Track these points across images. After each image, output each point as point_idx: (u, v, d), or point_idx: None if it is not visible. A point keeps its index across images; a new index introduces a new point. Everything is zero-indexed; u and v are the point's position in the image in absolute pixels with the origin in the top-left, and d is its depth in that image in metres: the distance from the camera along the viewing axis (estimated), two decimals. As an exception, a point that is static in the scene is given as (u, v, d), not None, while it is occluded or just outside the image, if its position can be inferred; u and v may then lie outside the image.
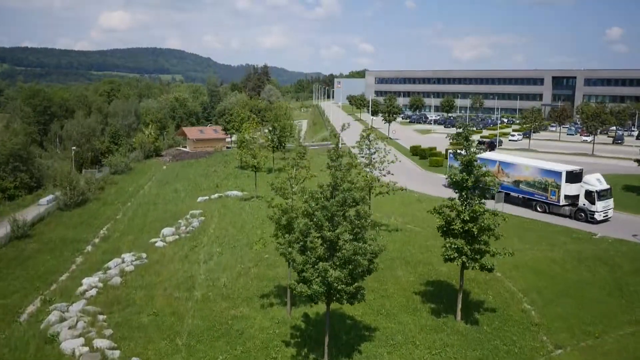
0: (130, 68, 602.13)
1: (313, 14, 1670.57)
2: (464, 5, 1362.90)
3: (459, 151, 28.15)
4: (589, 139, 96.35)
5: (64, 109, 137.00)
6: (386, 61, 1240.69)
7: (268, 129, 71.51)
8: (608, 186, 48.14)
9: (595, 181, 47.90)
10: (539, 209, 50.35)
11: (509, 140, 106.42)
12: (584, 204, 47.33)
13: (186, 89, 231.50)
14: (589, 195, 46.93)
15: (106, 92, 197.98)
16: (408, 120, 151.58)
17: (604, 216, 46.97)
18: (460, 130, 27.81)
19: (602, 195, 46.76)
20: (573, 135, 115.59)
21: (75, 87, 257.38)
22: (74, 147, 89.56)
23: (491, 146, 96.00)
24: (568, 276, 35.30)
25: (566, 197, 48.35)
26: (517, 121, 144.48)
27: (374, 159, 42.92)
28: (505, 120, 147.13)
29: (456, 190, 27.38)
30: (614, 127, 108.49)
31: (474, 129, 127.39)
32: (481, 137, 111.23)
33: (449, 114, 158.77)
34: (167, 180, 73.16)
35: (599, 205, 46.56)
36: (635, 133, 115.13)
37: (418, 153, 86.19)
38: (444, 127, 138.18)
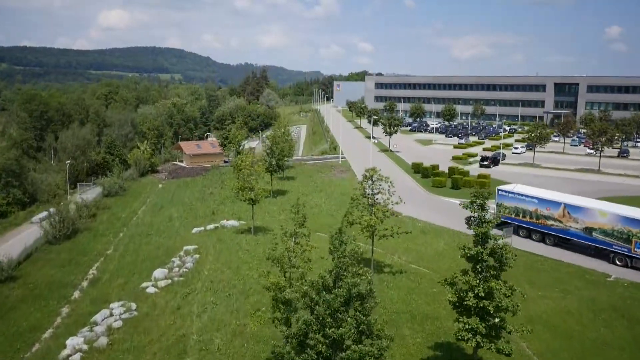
0: (129, 67, 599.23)
1: (312, 13, 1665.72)
2: (463, 4, 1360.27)
3: (472, 217, 25.83)
4: (594, 151, 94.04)
5: (61, 114, 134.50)
6: (385, 61, 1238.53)
7: (266, 151, 69.30)
8: None
9: None
10: (618, 262, 43.88)
11: (512, 153, 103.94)
12: None
13: (185, 90, 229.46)
14: None
15: (104, 95, 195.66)
16: (409, 129, 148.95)
17: None
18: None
19: None
20: (577, 146, 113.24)
21: (73, 88, 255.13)
22: (68, 161, 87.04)
23: (494, 161, 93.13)
24: (585, 334, 33.20)
25: None
26: (519, 129, 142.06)
27: (377, 199, 40.79)
28: (507, 128, 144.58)
29: (470, 262, 25.16)
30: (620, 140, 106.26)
31: (476, 138, 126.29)
32: (483, 149, 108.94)
33: (450, 122, 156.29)
34: (161, 205, 70.82)
35: None
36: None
37: (420, 171, 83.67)
38: (445, 136, 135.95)
